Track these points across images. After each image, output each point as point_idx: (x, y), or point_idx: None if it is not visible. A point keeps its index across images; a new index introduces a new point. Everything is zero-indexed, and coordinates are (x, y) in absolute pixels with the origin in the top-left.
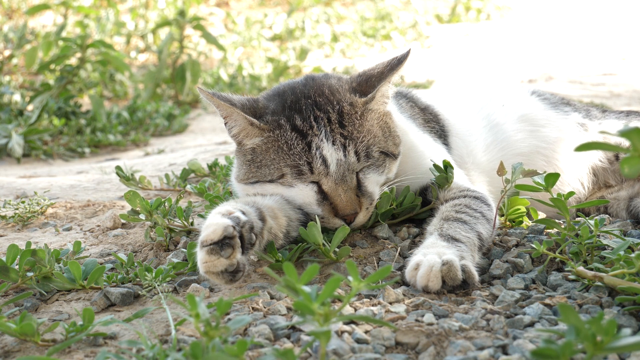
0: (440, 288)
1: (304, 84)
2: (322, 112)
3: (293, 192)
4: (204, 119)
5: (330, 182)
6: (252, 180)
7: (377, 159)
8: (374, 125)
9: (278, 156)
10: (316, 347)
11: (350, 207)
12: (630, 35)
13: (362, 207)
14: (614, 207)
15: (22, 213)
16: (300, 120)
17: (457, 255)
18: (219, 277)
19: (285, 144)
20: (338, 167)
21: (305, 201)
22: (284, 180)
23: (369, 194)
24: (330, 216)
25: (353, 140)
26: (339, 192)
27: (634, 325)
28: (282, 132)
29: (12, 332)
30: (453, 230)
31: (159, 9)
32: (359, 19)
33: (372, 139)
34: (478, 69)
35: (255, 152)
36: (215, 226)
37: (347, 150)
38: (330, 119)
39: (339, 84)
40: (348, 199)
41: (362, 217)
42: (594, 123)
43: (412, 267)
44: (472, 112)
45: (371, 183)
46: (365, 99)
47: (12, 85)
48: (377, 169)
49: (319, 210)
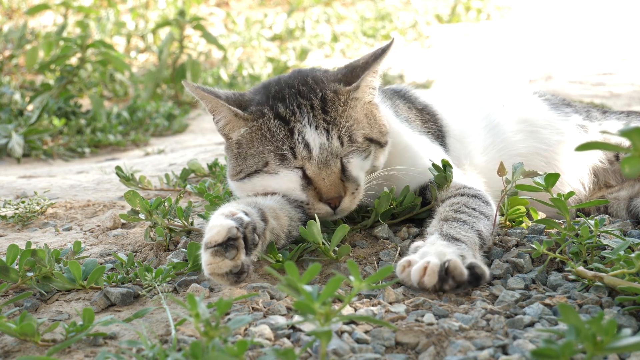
0: (437, 285)
1: (289, 75)
2: (305, 99)
3: (278, 179)
4: (204, 119)
5: (314, 166)
6: (242, 175)
7: (361, 144)
8: (357, 112)
9: (262, 144)
10: (316, 347)
11: (334, 190)
12: (630, 35)
13: (347, 192)
14: (614, 207)
15: (22, 213)
16: (283, 108)
17: (458, 254)
18: (224, 278)
19: (269, 132)
20: (321, 151)
21: (290, 187)
22: (268, 169)
23: (354, 179)
24: (314, 201)
25: (336, 126)
26: (323, 177)
27: (634, 325)
28: (265, 120)
29: (12, 332)
30: (453, 230)
31: (159, 9)
32: (359, 19)
33: (356, 124)
34: (478, 69)
35: (241, 145)
36: (219, 228)
37: (330, 135)
38: (314, 106)
39: (324, 75)
40: (332, 182)
41: (348, 201)
42: (594, 124)
43: (404, 265)
44: (471, 112)
45: (355, 168)
46: (350, 88)
47: (12, 85)
48: (361, 154)
49: (303, 196)
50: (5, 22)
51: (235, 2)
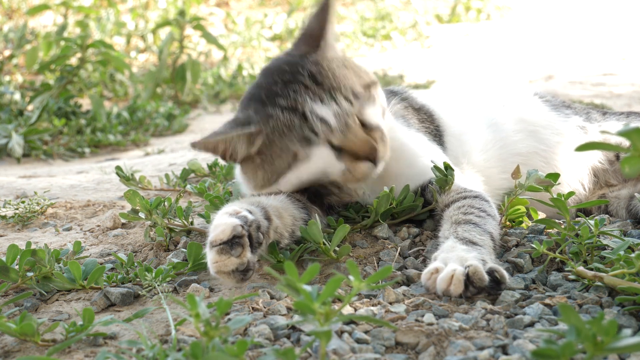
0: (463, 294)
1: (263, 75)
2: (296, 84)
3: (311, 163)
4: (204, 119)
5: (338, 135)
6: (274, 178)
7: (364, 93)
8: (342, 69)
9: (282, 141)
10: (316, 347)
11: (367, 144)
12: (630, 35)
13: (377, 140)
14: (614, 206)
15: (22, 213)
16: (283, 100)
17: (479, 259)
18: (230, 276)
19: (285, 126)
20: (338, 118)
21: (326, 163)
22: (298, 158)
23: (376, 127)
24: (354, 164)
25: (336, 90)
26: (351, 138)
27: (634, 325)
28: (274, 120)
29: (12, 332)
30: (468, 233)
31: (159, 9)
32: (359, 19)
33: (350, 79)
34: (478, 69)
35: (263, 153)
36: (224, 226)
37: (337, 101)
38: (307, 85)
39: (291, 56)
40: (360, 139)
41: (382, 148)
42: (594, 125)
43: (432, 272)
44: (470, 111)
45: (372, 116)
46: (322, 49)
47: (12, 85)
48: (368, 101)
49: (341, 166)
50: (5, 22)
51: (235, 2)
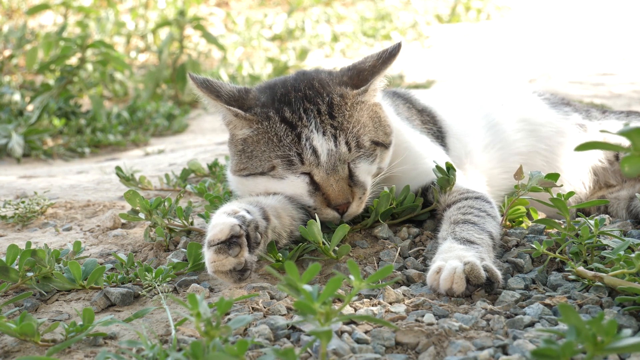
0: (465, 291)
1: (294, 77)
2: (311, 104)
3: (284, 184)
4: (204, 119)
5: (322, 172)
6: (245, 173)
7: (368, 148)
8: (364, 116)
9: (268, 148)
10: (316, 347)
11: (342, 196)
12: (630, 35)
13: (354, 197)
14: (614, 207)
15: (22, 213)
16: (289, 112)
17: (477, 257)
18: (228, 276)
19: (275, 136)
20: (329, 157)
21: (297, 192)
22: (274, 173)
23: (361, 184)
24: (322, 207)
25: (343, 131)
26: (331, 182)
27: (634, 325)
28: (271, 123)
29: (12, 332)
30: (466, 232)
31: (159, 9)
32: (359, 19)
33: (363, 129)
34: (478, 69)
35: (246, 143)
36: (222, 225)
37: (337, 141)
38: (320, 111)
39: (329, 78)
40: (340, 188)
41: (355, 206)
42: (594, 124)
43: (436, 271)
44: (471, 112)
45: (363, 173)
46: (358, 92)
47: (12, 85)
48: (368, 158)
49: (310, 202)
50: (5, 22)
51: (235, 2)
